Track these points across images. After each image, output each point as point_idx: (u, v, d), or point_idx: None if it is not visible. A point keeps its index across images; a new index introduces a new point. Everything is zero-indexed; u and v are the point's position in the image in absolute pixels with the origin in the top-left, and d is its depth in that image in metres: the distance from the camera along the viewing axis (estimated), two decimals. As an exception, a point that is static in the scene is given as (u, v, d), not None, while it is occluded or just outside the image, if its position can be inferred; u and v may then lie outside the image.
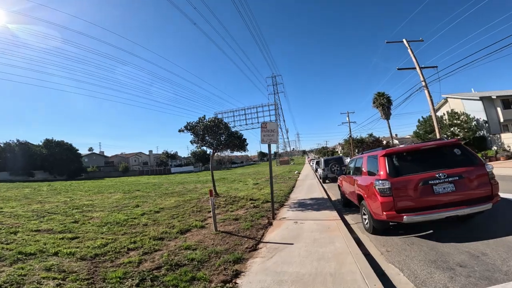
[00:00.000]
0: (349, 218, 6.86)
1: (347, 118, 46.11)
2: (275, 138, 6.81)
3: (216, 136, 9.95)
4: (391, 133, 44.86)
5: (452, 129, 25.46)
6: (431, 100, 18.55)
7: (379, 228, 4.86)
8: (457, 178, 4.16)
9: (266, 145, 7.13)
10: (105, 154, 76.36)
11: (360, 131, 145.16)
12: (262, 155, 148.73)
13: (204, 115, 10.23)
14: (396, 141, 49.00)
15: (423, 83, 18.48)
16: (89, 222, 7.25)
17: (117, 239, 5.53)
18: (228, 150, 11.36)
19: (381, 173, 4.44)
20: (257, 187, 14.88)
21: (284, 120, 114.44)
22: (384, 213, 4.26)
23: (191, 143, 10.17)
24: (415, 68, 18.88)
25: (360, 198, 5.55)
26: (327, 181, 17.46)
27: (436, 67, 18.24)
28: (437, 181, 4.14)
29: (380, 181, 4.36)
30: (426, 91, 18.53)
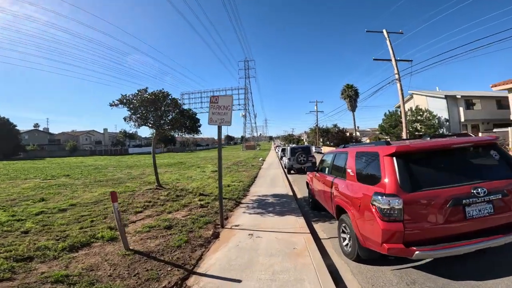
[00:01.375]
0: (319, 228, 5.33)
1: (315, 107, 45.75)
2: (228, 118, 4.78)
3: (158, 113, 7.64)
4: (355, 125, 45.80)
5: (414, 125, 25.95)
6: (402, 93, 18.19)
7: (367, 258, 3.31)
8: (499, 195, 2.70)
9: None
10: (51, 131, 67.65)
11: (326, 121, 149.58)
12: (229, 138, 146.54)
13: (147, 87, 7.84)
14: (357, 133, 50.28)
15: (397, 76, 17.97)
16: None
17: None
18: (179, 132, 9.19)
19: (386, 181, 2.79)
20: (214, 176, 12.96)
21: (253, 105, 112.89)
22: (385, 245, 2.68)
23: (125, 121, 7.73)
24: (390, 60, 18.29)
25: (340, 210, 3.94)
26: (292, 171, 16.18)
27: (411, 61, 17.83)
28: (473, 200, 2.64)
29: (385, 197, 2.72)
30: (398, 84, 18.09)
